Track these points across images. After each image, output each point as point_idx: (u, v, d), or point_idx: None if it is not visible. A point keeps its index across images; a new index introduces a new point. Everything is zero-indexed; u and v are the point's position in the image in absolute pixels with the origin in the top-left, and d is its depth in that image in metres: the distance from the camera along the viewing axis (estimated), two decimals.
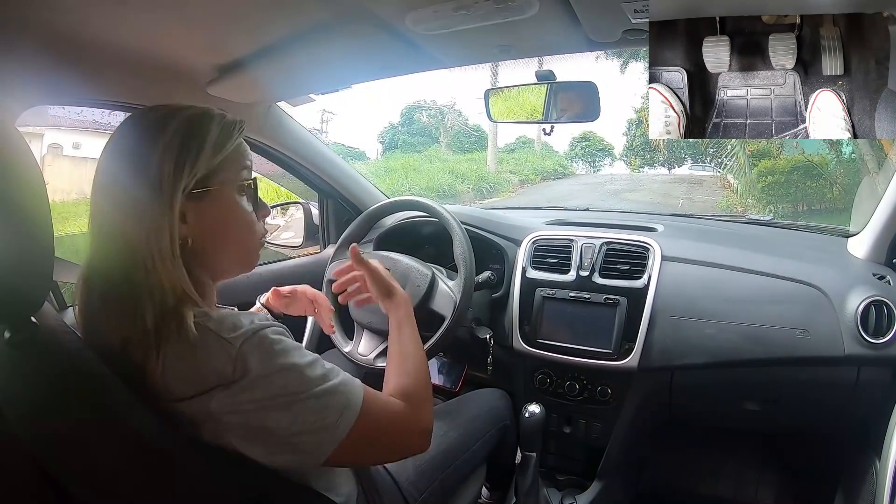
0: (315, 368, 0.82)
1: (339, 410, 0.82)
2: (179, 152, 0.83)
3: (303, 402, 0.79)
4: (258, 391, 0.76)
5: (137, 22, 1.11)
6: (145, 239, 0.81)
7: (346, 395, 0.83)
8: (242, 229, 0.92)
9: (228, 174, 0.89)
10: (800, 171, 11.00)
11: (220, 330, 0.78)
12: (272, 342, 0.79)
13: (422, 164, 17.11)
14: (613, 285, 1.67)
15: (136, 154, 0.84)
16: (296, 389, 0.79)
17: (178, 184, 0.82)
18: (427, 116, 22.86)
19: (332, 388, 0.82)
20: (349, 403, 0.83)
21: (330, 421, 0.80)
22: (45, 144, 10.13)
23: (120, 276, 0.81)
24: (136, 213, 0.81)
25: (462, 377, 2.11)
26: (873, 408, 1.46)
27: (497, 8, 1.01)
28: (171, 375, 0.77)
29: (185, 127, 0.85)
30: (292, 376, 0.79)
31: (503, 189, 16.76)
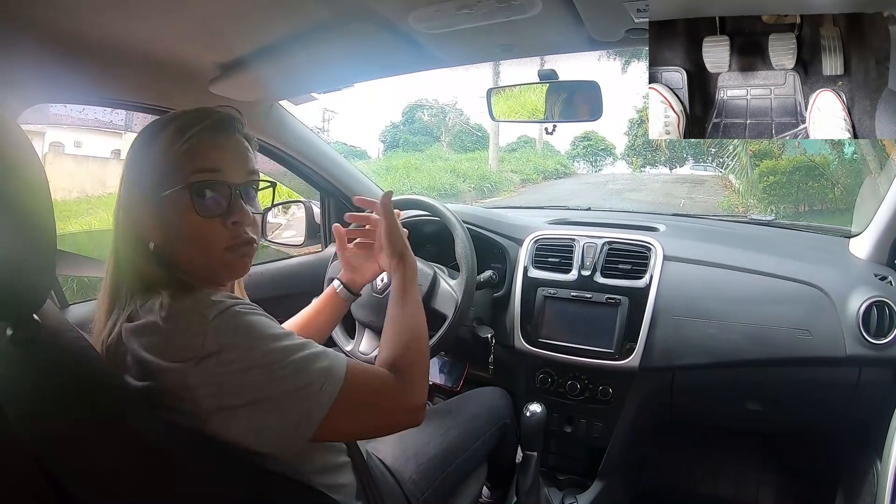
0: (291, 338, 0.82)
1: (322, 377, 0.80)
2: (139, 157, 0.88)
3: (282, 368, 0.78)
4: (234, 362, 0.76)
5: (140, 20, 1.11)
6: (121, 238, 0.89)
7: (327, 363, 0.82)
8: (193, 240, 0.88)
9: (175, 179, 0.85)
10: (801, 172, 10.99)
11: (194, 307, 0.79)
12: (244, 314, 0.80)
13: (423, 162, 17.10)
14: (615, 285, 1.67)
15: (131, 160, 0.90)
16: (274, 358, 0.78)
17: (138, 188, 0.87)
18: (429, 115, 22.86)
19: (311, 356, 0.81)
20: (332, 371, 0.82)
21: (314, 388, 0.79)
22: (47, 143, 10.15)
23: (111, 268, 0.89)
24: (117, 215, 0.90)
25: (463, 376, 2.11)
26: (874, 408, 1.46)
27: (499, 7, 1.01)
28: (147, 350, 0.78)
29: (149, 132, 0.88)
30: (268, 345, 0.79)
31: (505, 188, 16.75)
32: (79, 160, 10.40)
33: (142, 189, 0.86)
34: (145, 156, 0.87)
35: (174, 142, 0.85)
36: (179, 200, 0.86)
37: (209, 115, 0.89)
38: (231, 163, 0.90)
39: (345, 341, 1.65)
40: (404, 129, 23.10)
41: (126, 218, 0.89)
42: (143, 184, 0.86)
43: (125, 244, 0.88)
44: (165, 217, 0.86)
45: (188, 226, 0.86)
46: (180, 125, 0.86)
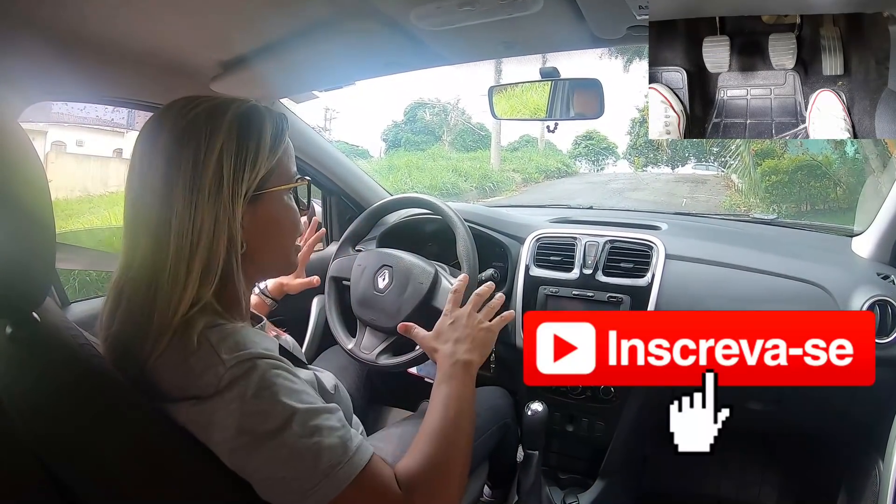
0: (308, 418, 0.74)
1: (320, 475, 0.72)
2: (237, 153, 0.80)
3: (274, 448, 0.72)
4: (230, 415, 0.72)
5: (141, 18, 1.11)
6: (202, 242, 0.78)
7: (334, 460, 0.73)
8: (291, 231, 0.90)
9: (280, 176, 0.86)
10: (804, 171, 10.99)
11: (220, 345, 0.76)
12: (265, 373, 0.74)
13: (425, 162, 17.10)
14: (617, 283, 1.67)
15: (183, 155, 0.79)
16: (269, 430, 0.72)
17: (240, 187, 0.80)
18: (430, 114, 22.85)
19: (315, 446, 0.73)
20: (337, 471, 0.73)
21: (305, 483, 0.72)
22: (49, 142, 10.17)
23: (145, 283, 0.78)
24: (191, 216, 0.78)
25: None
26: (877, 408, 1.45)
27: (501, 4, 1.01)
28: (159, 377, 0.77)
29: (241, 123, 0.82)
30: (272, 416, 0.72)
31: (506, 187, 16.75)
32: (80, 159, 10.41)
33: (241, 186, 0.80)
34: (239, 150, 0.80)
35: (278, 138, 0.85)
36: (281, 196, 0.87)
37: (280, 112, 0.91)
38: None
39: (346, 340, 1.65)
40: (406, 129, 23.08)
41: (215, 221, 0.79)
42: (242, 181, 0.80)
43: (210, 251, 0.78)
44: (265, 213, 0.85)
45: (289, 219, 0.89)
46: (275, 120, 0.86)
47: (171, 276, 0.77)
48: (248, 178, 0.81)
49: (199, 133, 0.79)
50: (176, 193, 0.77)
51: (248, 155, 0.81)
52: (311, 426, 0.74)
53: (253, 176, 0.81)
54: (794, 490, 1.98)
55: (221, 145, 0.79)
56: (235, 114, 0.82)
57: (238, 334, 0.78)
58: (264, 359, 0.76)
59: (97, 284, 3.22)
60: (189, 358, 0.75)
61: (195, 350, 0.75)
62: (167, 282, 0.77)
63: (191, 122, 0.80)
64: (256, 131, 0.82)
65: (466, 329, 1.08)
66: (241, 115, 0.82)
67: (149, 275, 0.78)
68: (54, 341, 0.78)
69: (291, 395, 0.75)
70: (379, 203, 1.82)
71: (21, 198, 0.71)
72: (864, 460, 1.55)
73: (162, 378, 0.77)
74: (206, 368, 0.74)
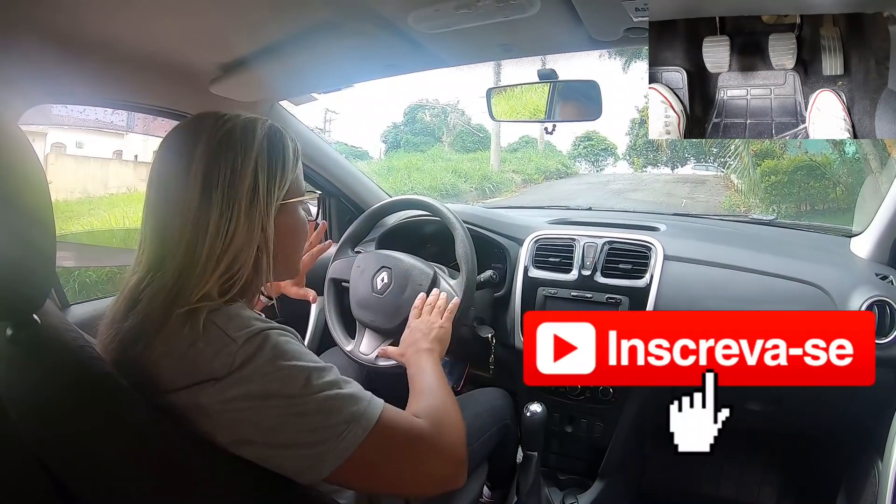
0: (323, 374, 0.79)
1: (347, 423, 0.77)
2: (269, 165, 0.86)
3: (301, 405, 0.75)
4: (253, 386, 0.75)
5: (141, 21, 1.11)
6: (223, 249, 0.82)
7: (356, 408, 0.79)
8: (303, 240, 0.99)
9: (297, 189, 0.93)
10: (803, 171, 11.00)
11: (227, 326, 0.78)
12: (277, 342, 0.78)
13: (424, 163, 17.10)
14: (616, 284, 1.67)
15: (222, 164, 0.83)
16: (294, 392, 0.76)
17: (272, 196, 0.87)
18: (430, 116, 22.84)
19: (339, 396, 0.78)
20: (361, 415, 0.78)
21: (334, 432, 0.76)
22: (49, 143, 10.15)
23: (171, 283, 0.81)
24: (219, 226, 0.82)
25: (464, 376, 2.11)
26: (876, 408, 1.46)
27: (498, 7, 1.02)
28: (163, 365, 0.77)
29: (270, 139, 0.88)
30: (293, 377, 0.76)
31: (506, 188, 16.75)
32: (80, 161, 10.39)
33: (273, 196, 0.87)
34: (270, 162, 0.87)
35: (296, 154, 0.92)
36: (293, 208, 0.93)
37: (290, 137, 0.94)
38: None
39: (345, 341, 1.65)
40: (405, 130, 23.07)
41: (250, 227, 0.84)
42: (273, 191, 0.87)
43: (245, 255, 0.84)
44: (286, 223, 0.91)
45: (303, 228, 0.97)
46: (294, 144, 0.92)
47: (198, 275, 0.81)
48: (278, 187, 0.87)
49: (235, 145, 0.84)
50: (214, 201, 0.82)
51: (278, 168, 0.88)
52: (328, 381, 0.79)
53: (282, 186, 0.88)
54: (793, 490, 1.98)
55: (256, 157, 0.85)
56: (265, 131, 0.88)
57: (242, 313, 0.82)
58: (272, 329, 0.80)
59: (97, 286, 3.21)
60: (196, 342, 0.77)
61: (202, 335, 0.77)
62: (192, 280, 0.81)
63: (227, 134, 0.85)
64: (283, 147, 0.90)
65: (422, 331, 1.28)
66: (270, 132, 0.89)
67: (176, 275, 0.81)
68: (55, 343, 0.78)
69: (304, 357, 0.80)
70: (378, 205, 1.82)
71: (21, 200, 0.72)
72: (864, 460, 1.56)
73: (166, 367, 0.77)
74: (218, 350, 0.76)
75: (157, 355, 0.78)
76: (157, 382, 0.77)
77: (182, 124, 0.89)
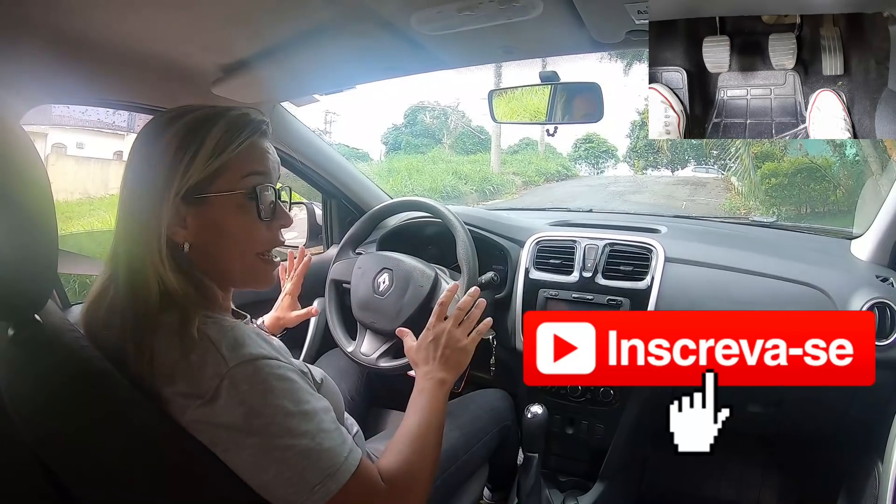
0: (310, 419, 0.78)
1: (321, 476, 0.76)
2: (175, 155, 0.82)
3: (281, 450, 0.75)
4: (236, 417, 0.74)
5: (142, 22, 1.11)
6: (138, 238, 0.82)
7: (335, 462, 0.78)
8: (243, 239, 0.88)
9: (228, 180, 0.86)
10: (803, 174, 10.98)
11: (220, 343, 0.77)
12: (268, 376, 0.77)
13: (425, 165, 17.06)
14: (616, 286, 1.67)
15: (142, 155, 0.84)
16: (277, 433, 0.75)
17: (170, 187, 0.82)
18: (431, 118, 22.80)
19: (318, 449, 0.77)
20: (336, 472, 0.78)
21: (307, 485, 0.76)
22: (49, 144, 10.17)
23: (120, 271, 0.82)
24: (135, 212, 0.83)
25: (465, 378, 2.11)
26: (876, 410, 1.46)
27: (501, 9, 1.02)
28: (158, 371, 0.77)
29: (187, 129, 0.84)
30: (278, 419, 0.75)
31: (506, 190, 16.72)
32: (81, 161, 10.41)
33: (176, 188, 0.82)
34: (179, 152, 0.83)
35: (226, 142, 0.84)
36: (230, 201, 0.86)
37: (252, 118, 0.88)
38: (272, 167, 0.91)
39: (346, 342, 1.65)
40: (406, 132, 23.04)
41: (148, 219, 0.82)
42: (178, 182, 0.82)
43: (147, 246, 0.82)
44: (209, 217, 0.85)
45: (237, 226, 0.87)
46: (229, 125, 0.85)
47: (135, 266, 0.81)
48: (179, 178, 0.82)
49: (160, 136, 0.84)
50: (133, 190, 0.84)
51: (186, 157, 0.82)
52: (314, 428, 0.77)
53: (186, 177, 0.83)
54: (793, 492, 1.98)
55: (166, 146, 0.83)
56: (193, 117, 0.85)
57: (236, 330, 0.80)
58: (266, 359, 0.78)
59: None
60: (190, 354, 0.76)
61: (194, 346, 0.76)
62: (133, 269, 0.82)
63: (163, 123, 0.85)
64: (201, 135, 0.84)
65: (444, 349, 1.14)
66: (196, 118, 0.85)
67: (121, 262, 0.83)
68: (56, 343, 0.78)
69: (294, 397, 0.78)
70: (379, 206, 1.83)
71: (24, 200, 0.72)
72: (864, 462, 1.55)
73: (162, 374, 0.77)
74: (207, 366, 0.76)
75: (149, 359, 0.78)
76: (153, 391, 0.77)
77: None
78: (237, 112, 0.88)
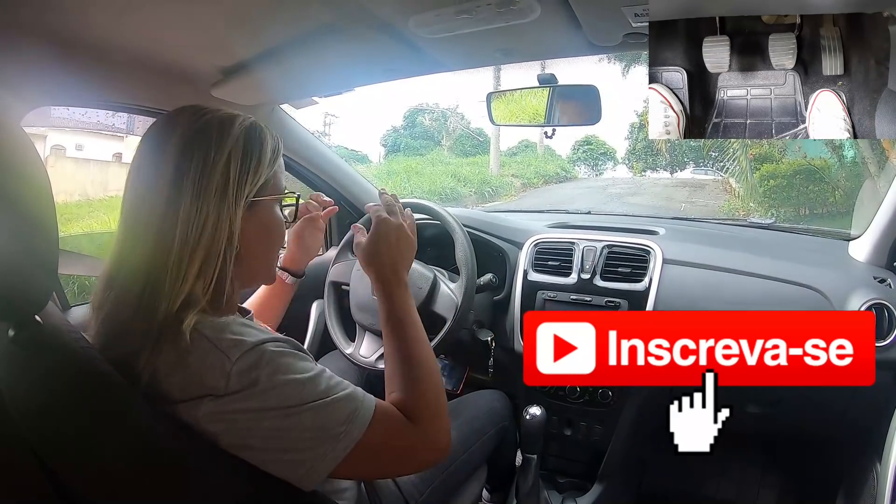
0: (318, 382, 0.80)
1: (344, 423, 0.80)
2: (243, 159, 0.85)
3: (298, 414, 0.77)
4: (252, 403, 0.76)
5: (142, 24, 1.12)
6: (195, 242, 0.81)
7: (352, 407, 0.81)
8: (278, 241, 0.96)
9: (275, 187, 0.92)
10: (802, 175, 10.99)
11: (218, 340, 0.78)
12: (272, 357, 0.78)
13: (424, 167, 17.05)
14: (615, 288, 1.68)
15: (195, 155, 0.82)
16: (292, 403, 0.77)
17: (243, 190, 0.85)
18: (429, 120, 22.79)
19: (335, 401, 0.80)
20: (355, 417, 0.81)
21: (332, 433, 0.79)
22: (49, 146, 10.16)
23: (143, 276, 0.80)
24: (199, 214, 0.81)
25: (463, 379, 2.11)
26: (874, 411, 1.46)
27: (499, 12, 1.02)
28: (161, 377, 0.77)
29: (247, 134, 0.87)
30: (290, 391, 0.77)
31: (505, 192, 16.72)
32: (80, 163, 10.39)
33: (248, 191, 0.86)
34: (245, 157, 0.85)
35: (273, 155, 0.90)
36: (268, 207, 0.91)
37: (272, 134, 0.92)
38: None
39: (345, 344, 1.65)
40: (405, 134, 23.02)
41: (214, 221, 0.82)
42: (248, 187, 0.86)
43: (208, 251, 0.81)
44: (259, 221, 0.89)
45: (279, 230, 0.94)
46: (274, 142, 0.91)
47: (174, 268, 0.80)
48: (250, 182, 0.86)
49: (209, 137, 0.84)
50: (184, 189, 0.81)
51: (252, 162, 0.86)
52: (323, 388, 0.80)
53: (255, 182, 0.86)
54: (792, 492, 1.98)
55: (230, 150, 0.84)
56: (243, 125, 0.87)
57: (232, 326, 0.81)
58: (265, 343, 0.79)
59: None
60: (187, 356, 0.77)
61: (190, 348, 0.77)
62: (167, 273, 0.80)
63: (203, 126, 0.84)
64: (260, 143, 0.88)
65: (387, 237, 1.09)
66: (248, 127, 0.88)
67: (147, 266, 0.81)
68: (56, 344, 0.78)
69: (298, 367, 0.80)
70: None
71: (24, 201, 0.72)
72: (863, 462, 1.56)
73: (161, 379, 0.77)
74: (209, 366, 0.76)
75: (151, 368, 0.78)
76: (154, 393, 0.78)
77: (160, 118, 0.88)
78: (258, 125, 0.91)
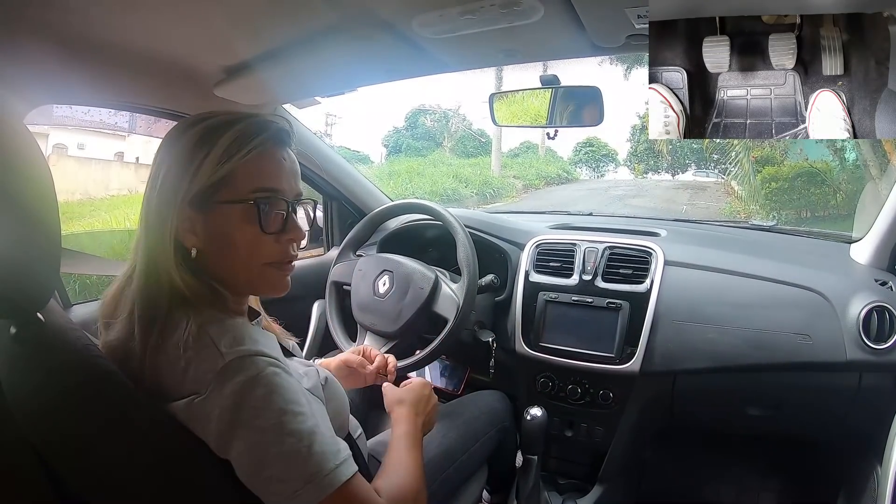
0: (297, 420, 0.76)
1: (304, 480, 0.75)
2: (186, 159, 0.83)
3: (265, 446, 0.74)
4: (223, 410, 0.74)
5: (145, 23, 1.12)
6: (153, 238, 0.84)
7: (319, 466, 0.76)
8: (241, 253, 0.86)
9: (234, 190, 0.84)
10: (803, 178, 10.96)
11: (219, 339, 0.78)
12: (260, 372, 0.77)
13: (426, 168, 17.05)
14: (616, 289, 1.68)
15: (160, 157, 0.85)
16: (264, 427, 0.74)
17: (180, 191, 0.83)
18: (431, 120, 22.79)
19: (304, 451, 0.75)
20: (322, 478, 0.75)
21: (288, 487, 0.74)
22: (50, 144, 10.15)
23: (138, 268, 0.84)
24: (152, 213, 0.84)
25: (464, 380, 2.11)
26: (875, 413, 1.45)
27: (502, 13, 1.02)
28: (158, 373, 0.79)
29: (200, 134, 0.84)
30: (266, 413, 0.75)
31: (507, 193, 16.70)
32: (82, 162, 10.38)
33: (184, 193, 0.82)
34: (190, 158, 0.83)
35: (234, 150, 0.83)
36: (235, 211, 0.85)
37: (268, 126, 0.87)
38: (287, 178, 0.90)
39: (346, 344, 1.66)
40: (407, 134, 23.02)
41: (161, 222, 0.83)
42: (186, 188, 0.82)
43: (160, 249, 0.83)
44: (216, 225, 0.85)
45: (242, 237, 0.85)
46: (240, 132, 0.84)
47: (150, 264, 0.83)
48: (184, 185, 0.83)
49: (178, 139, 0.85)
50: (150, 191, 0.85)
51: (194, 162, 0.82)
52: (300, 429, 0.76)
53: (192, 184, 0.83)
54: (793, 495, 1.98)
55: (181, 150, 0.84)
56: (210, 123, 0.85)
57: (237, 329, 0.81)
58: (262, 356, 0.78)
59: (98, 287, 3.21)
60: (187, 351, 0.77)
61: (193, 344, 0.77)
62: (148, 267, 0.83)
63: (182, 129, 0.86)
64: (210, 142, 0.83)
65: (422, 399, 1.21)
66: (212, 124, 0.85)
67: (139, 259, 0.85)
68: (58, 342, 0.78)
69: (287, 397, 0.77)
70: (380, 208, 1.83)
71: (27, 200, 0.72)
72: (863, 466, 1.56)
73: (162, 374, 0.78)
74: (204, 361, 0.77)
75: (154, 363, 0.79)
76: (156, 389, 0.79)
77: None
78: (254, 119, 0.87)
